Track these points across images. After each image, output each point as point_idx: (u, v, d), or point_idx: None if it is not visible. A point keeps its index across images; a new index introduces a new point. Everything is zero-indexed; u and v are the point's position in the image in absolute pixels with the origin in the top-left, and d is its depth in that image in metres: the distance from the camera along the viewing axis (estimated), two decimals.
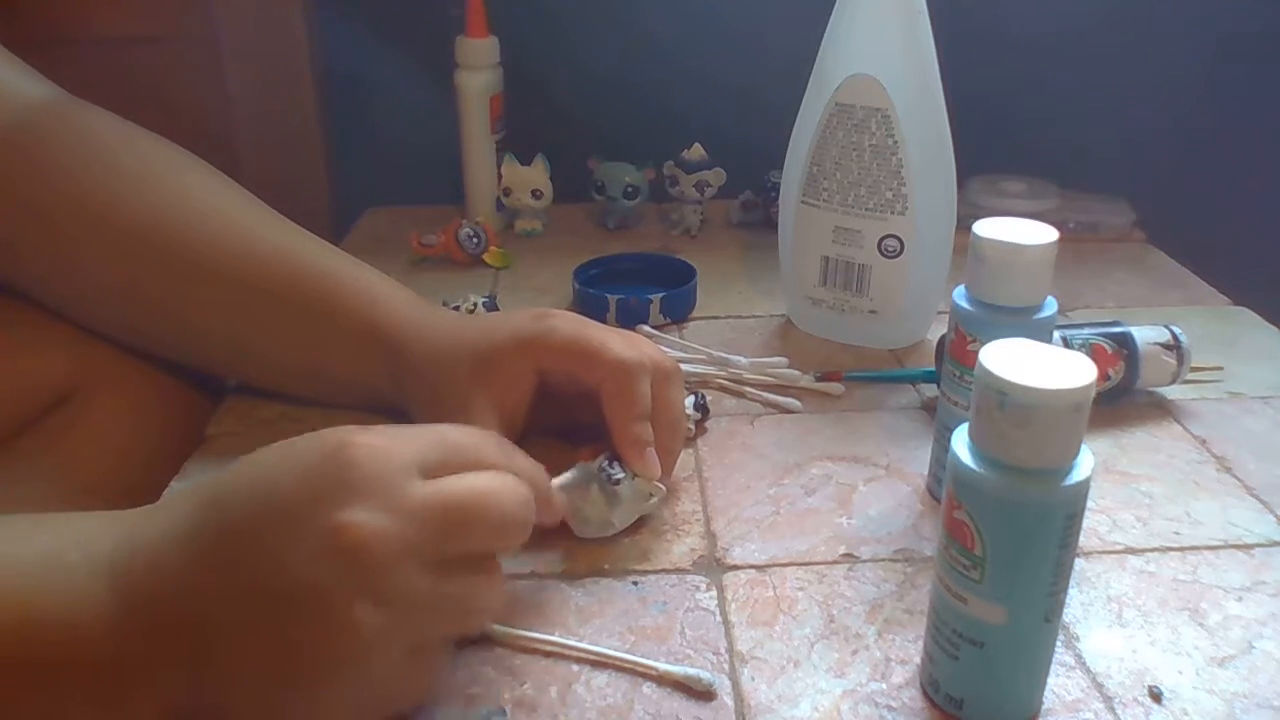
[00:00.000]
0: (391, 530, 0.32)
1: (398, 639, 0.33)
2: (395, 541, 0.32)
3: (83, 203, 0.53)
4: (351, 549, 0.32)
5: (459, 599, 0.35)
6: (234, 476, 0.35)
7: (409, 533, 0.33)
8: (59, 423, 0.55)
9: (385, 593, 0.32)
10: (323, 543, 0.32)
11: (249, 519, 0.33)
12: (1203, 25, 0.89)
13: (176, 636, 0.33)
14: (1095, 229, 0.87)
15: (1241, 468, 0.54)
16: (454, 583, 0.35)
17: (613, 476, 0.47)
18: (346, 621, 0.32)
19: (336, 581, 0.32)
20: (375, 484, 0.33)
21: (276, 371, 0.57)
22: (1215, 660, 0.41)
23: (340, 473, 0.33)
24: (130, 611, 0.33)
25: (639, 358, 0.49)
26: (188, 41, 0.90)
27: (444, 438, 0.37)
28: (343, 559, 0.32)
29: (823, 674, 0.40)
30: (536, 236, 0.87)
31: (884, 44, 0.61)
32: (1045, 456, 0.34)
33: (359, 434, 0.34)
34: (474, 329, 0.52)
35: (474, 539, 0.35)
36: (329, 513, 0.32)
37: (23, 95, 0.55)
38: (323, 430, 0.35)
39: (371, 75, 0.91)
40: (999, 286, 0.45)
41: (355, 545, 0.32)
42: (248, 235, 0.55)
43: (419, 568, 0.33)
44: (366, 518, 0.32)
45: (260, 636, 0.32)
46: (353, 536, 0.32)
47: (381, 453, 0.34)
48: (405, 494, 0.33)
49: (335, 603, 0.32)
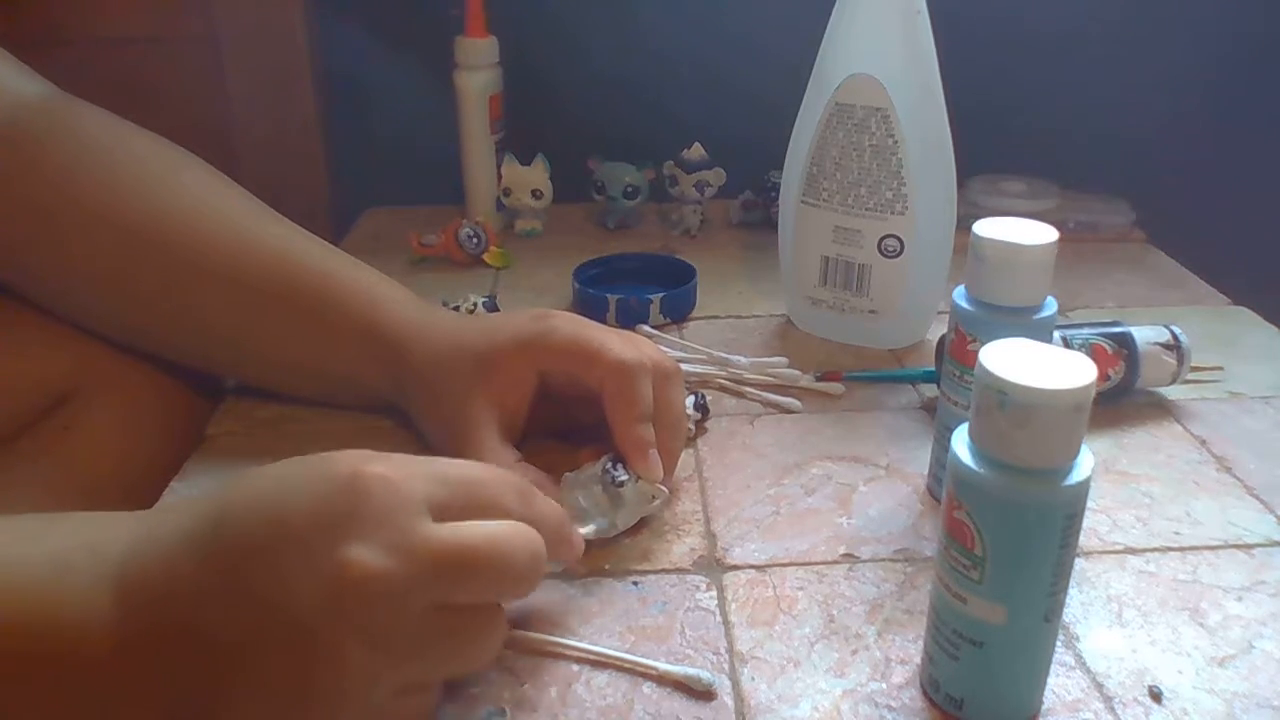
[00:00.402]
0: (394, 571, 0.32)
1: (387, 679, 0.33)
2: (396, 583, 0.32)
3: (79, 201, 0.53)
4: (351, 586, 0.31)
5: (455, 645, 0.35)
6: (245, 491, 0.34)
7: (411, 575, 0.32)
8: (58, 424, 0.55)
9: (379, 634, 0.32)
10: (325, 574, 0.31)
11: (258, 538, 0.33)
12: (1203, 25, 0.89)
13: (177, 644, 0.33)
14: (1095, 229, 0.87)
15: (1241, 468, 0.54)
16: (451, 628, 0.34)
17: (616, 478, 0.47)
18: (337, 657, 0.31)
19: (332, 616, 0.31)
20: (384, 520, 0.32)
21: (276, 371, 0.57)
22: (1215, 660, 0.41)
23: (351, 505, 0.32)
24: (133, 616, 0.33)
25: (640, 358, 0.49)
26: (188, 41, 0.90)
27: (461, 476, 0.36)
28: (342, 595, 0.31)
29: (823, 674, 0.40)
30: (536, 236, 0.87)
31: (884, 44, 0.61)
32: (1045, 456, 0.34)
33: (373, 463, 0.34)
34: (474, 330, 0.52)
35: (478, 589, 0.35)
36: (335, 545, 0.32)
37: (19, 93, 0.55)
38: (337, 454, 0.34)
39: (371, 75, 0.91)
40: (999, 286, 0.45)
41: (355, 583, 0.31)
42: (246, 234, 0.55)
43: (417, 611, 0.33)
44: (370, 556, 0.32)
45: (256, 656, 0.32)
46: (354, 573, 0.31)
47: (394, 487, 0.33)
48: (413, 534, 0.33)
49: (328, 638, 0.31)
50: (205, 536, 0.34)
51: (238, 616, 0.32)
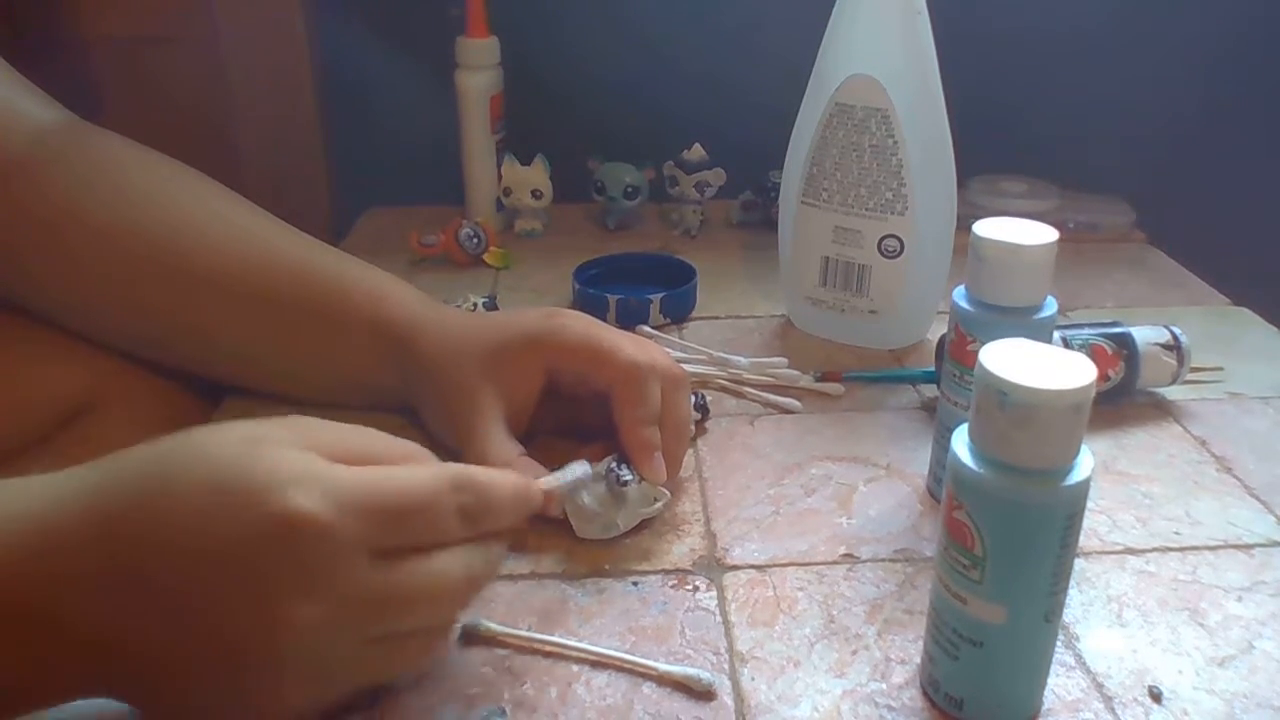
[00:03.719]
0: (333, 619, 0.32)
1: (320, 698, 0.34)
2: (335, 630, 0.32)
3: (88, 220, 0.54)
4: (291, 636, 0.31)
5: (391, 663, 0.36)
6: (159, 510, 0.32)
7: (351, 620, 0.32)
8: (75, 438, 0.55)
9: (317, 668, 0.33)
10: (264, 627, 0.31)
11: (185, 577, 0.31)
12: (1202, 26, 0.88)
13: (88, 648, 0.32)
14: (1095, 229, 0.87)
15: (1241, 468, 0.54)
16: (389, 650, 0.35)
17: (621, 478, 0.47)
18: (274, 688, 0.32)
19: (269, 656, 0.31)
20: (320, 573, 0.32)
21: (285, 378, 0.57)
22: (1215, 660, 0.41)
23: (283, 557, 0.31)
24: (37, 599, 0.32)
25: (650, 362, 0.49)
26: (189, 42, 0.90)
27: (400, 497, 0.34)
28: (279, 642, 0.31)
29: (823, 674, 0.40)
30: (536, 236, 0.87)
31: (884, 44, 0.61)
32: (1045, 456, 0.34)
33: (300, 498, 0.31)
34: (483, 326, 0.53)
35: (416, 622, 0.35)
36: (272, 600, 0.31)
37: (35, 119, 0.56)
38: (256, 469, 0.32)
39: (371, 75, 0.91)
40: (999, 286, 0.45)
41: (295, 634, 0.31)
42: (254, 246, 0.55)
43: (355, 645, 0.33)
44: (309, 612, 0.31)
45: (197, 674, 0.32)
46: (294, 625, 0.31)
47: (326, 536, 0.31)
48: (351, 585, 0.32)
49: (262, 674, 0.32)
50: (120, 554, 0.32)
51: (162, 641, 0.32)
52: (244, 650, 0.32)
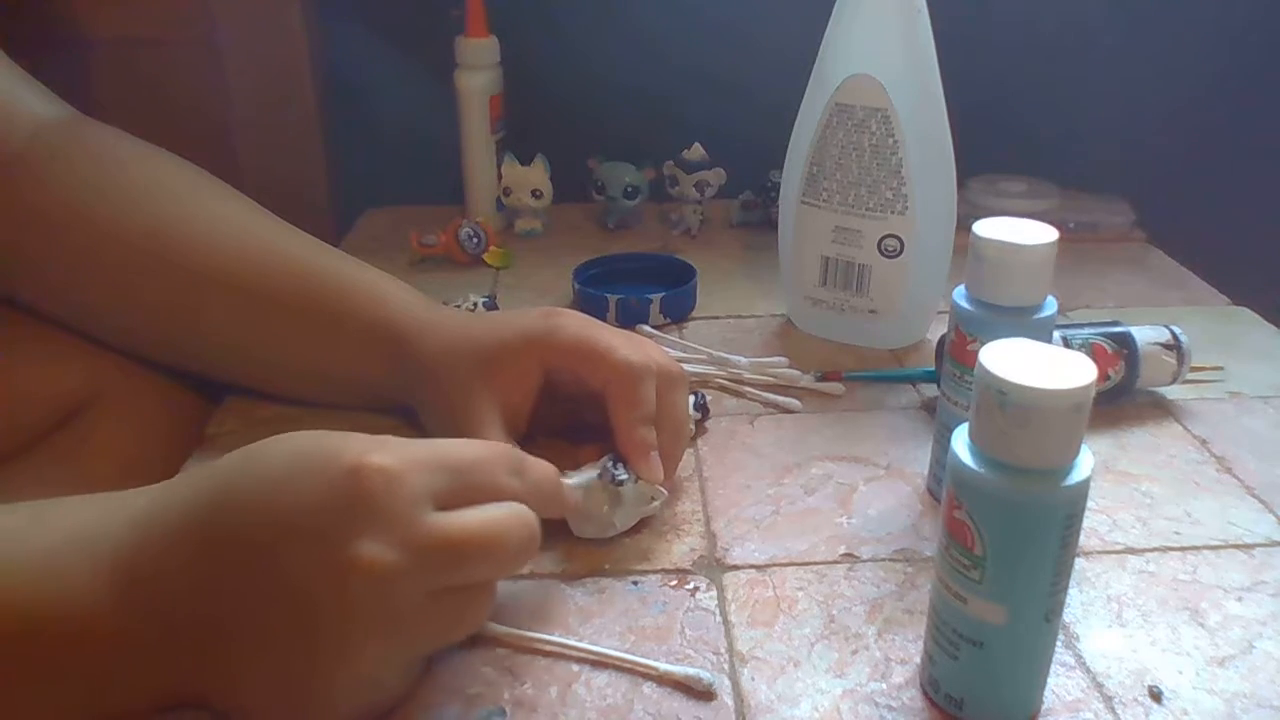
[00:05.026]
0: (400, 564, 0.33)
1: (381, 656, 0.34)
2: (401, 575, 0.33)
3: (89, 216, 0.54)
4: (359, 581, 0.32)
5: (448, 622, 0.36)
6: (246, 478, 0.35)
7: (416, 566, 0.33)
8: (74, 436, 0.56)
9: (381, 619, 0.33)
10: (332, 571, 0.32)
11: (260, 534, 0.34)
12: (1203, 25, 0.88)
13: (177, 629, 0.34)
14: (1095, 229, 0.86)
15: (1241, 468, 0.54)
16: (445, 607, 0.35)
17: (617, 477, 0.47)
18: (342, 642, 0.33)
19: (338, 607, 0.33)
20: (388, 515, 0.33)
21: (283, 376, 0.57)
22: (1215, 660, 0.41)
23: (354, 502, 0.33)
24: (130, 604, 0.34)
25: (645, 361, 0.49)
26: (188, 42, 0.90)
27: (460, 459, 0.37)
28: (348, 589, 0.32)
29: (823, 674, 0.40)
30: (536, 236, 0.87)
31: (884, 44, 0.61)
32: (1045, 456, 0.34)
33: (372, 454, 0.34)
34: (481, 326, 0.53)
35: (476, 573, 0.36)
36: (342, 542, 0.33)
37: (36, 114, 0.56)
38: (338, 442, 0.35)
39: (371, 75, 0.91)
40: (999, 286, 0.45)
41: (363, 578, 0.32)
42: (253, 244, 0.55)
43: (419, 597, 0.34)
44: (377, 552, 0.33)
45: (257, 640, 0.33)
46: (362, 569, 0.32)
47: (396, 481, 0.34)
48: (417, 528, 0.34)
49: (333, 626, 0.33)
50: (204, 525, 0.34)
51: (239, 605, 0.33)
52: (315, 603, 0.33)
